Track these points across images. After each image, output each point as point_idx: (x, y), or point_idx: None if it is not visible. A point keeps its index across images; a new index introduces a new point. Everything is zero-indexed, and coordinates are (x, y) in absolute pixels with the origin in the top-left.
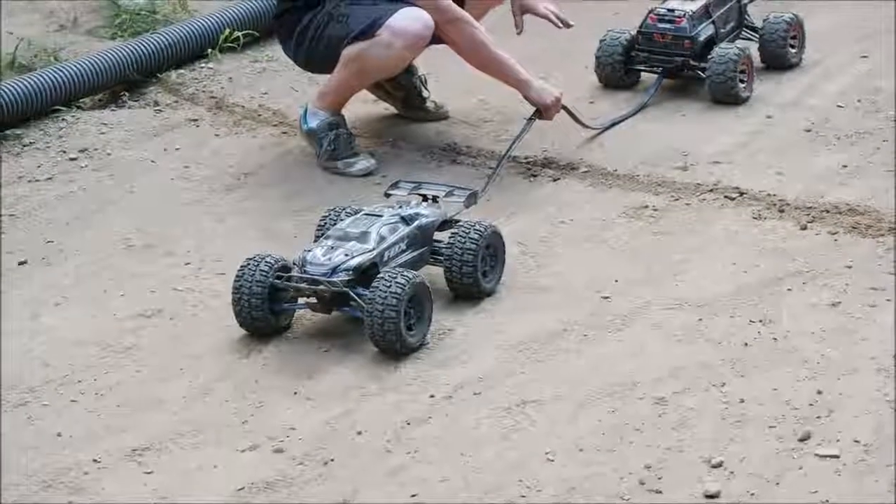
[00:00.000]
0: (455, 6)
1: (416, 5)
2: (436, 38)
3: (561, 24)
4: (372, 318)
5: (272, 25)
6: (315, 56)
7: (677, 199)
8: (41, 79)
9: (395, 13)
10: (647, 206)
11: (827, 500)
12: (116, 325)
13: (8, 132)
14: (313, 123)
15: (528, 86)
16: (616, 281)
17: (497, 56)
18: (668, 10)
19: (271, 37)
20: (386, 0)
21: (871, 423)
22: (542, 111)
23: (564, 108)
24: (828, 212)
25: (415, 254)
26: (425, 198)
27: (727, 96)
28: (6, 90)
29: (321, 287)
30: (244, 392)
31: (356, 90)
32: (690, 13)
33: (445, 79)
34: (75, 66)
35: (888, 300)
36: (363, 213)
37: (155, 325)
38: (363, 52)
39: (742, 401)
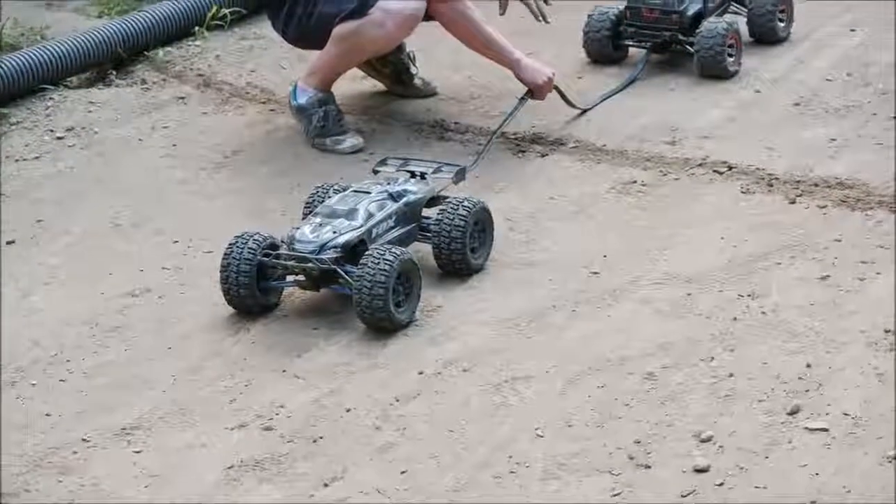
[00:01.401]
0: None
1: None
2: (426, 15)
3: (539, 17)
4: (361, 295)
5: (261, 1)
6: (305, 33)
7: (666, 174)
8: (28, 57)
9: None
10: (635, 182)
11: (816, 474)
12: (105, 305)
13: None
14: (302, 100)
15: (519, 65)
16: (605, 256)
17: (488, 34)
18: None
19: (259, 14)
20: None
21: (860, 397)
22: (534, 91)
23: (556, 87)
24: (817, 185)
25: (403, 230)
26: (413, 174)
27: (715, 71)
28: None
29: (309, 265)
30: (233, 370)
31: (347, 68)
32: None
33: (434, 55)
34: (62, 44)
35: (877, 273)
36: (351, 190)
37: (143, 304)
38: (355, 30)
39: (731, 375)
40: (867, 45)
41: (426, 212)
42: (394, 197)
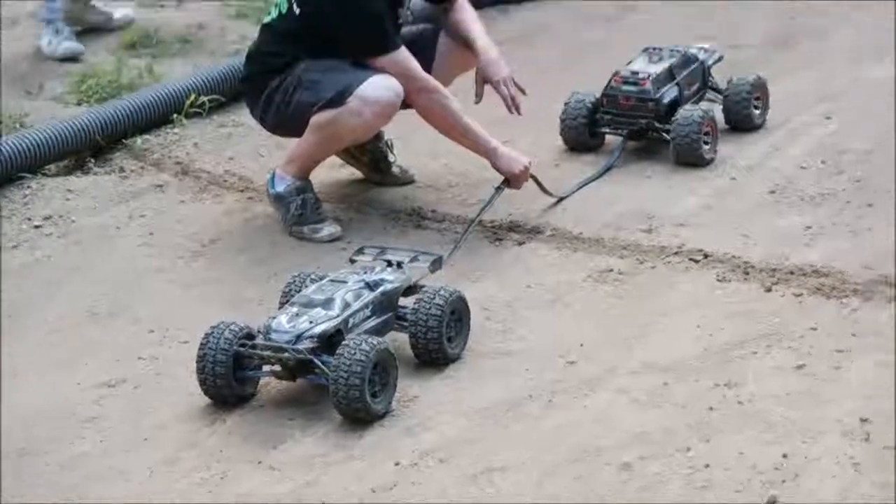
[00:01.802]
0: (423, 73)
1: (386, 72)
2: (404, 103)
3: (513, 111)
4: (337, 385)
5: (239, 88)
6: (283, 120)
7: (642, 262)
8: (6, 146)
9: (365, 81)
10: (612, 270)
11: None
12: (80, 395)
13: None
14: (280, 188)
15: (496, 154)
16: (581, 345)
17: (465, 123)
18: (632, 72)
19: (237, 102)
20: (354, 66)
21: (836, 486)
22: (511, 180)
23: (532, 176)
24: (792, 274)
25: (380, 320)
26: (390, 263)
27: (691, 158)
28: None
29: (285, 355)
30: (209, 462)
31: (325, 156)
32: (654, 75)
33: (411, 143)
34: (40, 132)
35: (853, 362)
36: (328, 279)
37: (119, 394)
38: (333, 119)
39: (707, 465)
40: (841, 133)
41: (403, 301)
42: (370, 286)
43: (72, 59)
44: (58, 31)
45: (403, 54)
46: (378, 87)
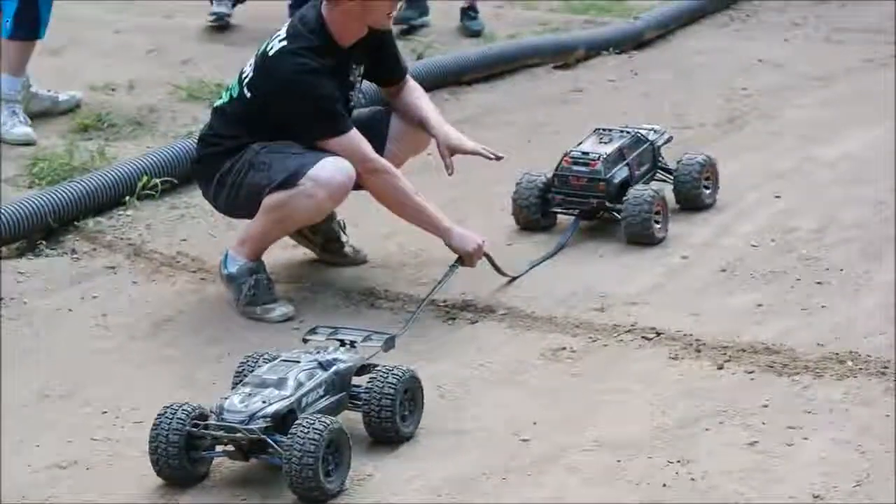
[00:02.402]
0: (375, 154)
1: (337, 155)
2: (356, 185)
3: (492, 157)
4: (290, 465)
5: (192, 170)
6: (235, 202)
7: (595, 341)
8: None
9: (317, 163)
10: (564, 348)
11: None
12: (33, 477)
13: None
14: (233, 269)
15: (449, 234)
16: (535, 423)
17: (418, 205)
18: (583, 153)
19: (190, 183)
20: (306, 148)
21: None
22: (464, 258)
23: (486, 255)
24: (744, 351)
25: (333, 399)
26: (343, 343)
27: (643, 237)
28: None
29: (238, 435)
30: None
31: (277, 237)
32: (605, 156)
33: (364, 223)
34: None
35: (804, 438)
36: (281, 359)
37: (71, 475)
38: (285, 201)
39: None
40: (791, 212)
41: (356, 380)
42: (323, 366)
43: (25, 143)
44: (14, 113)
45: (355, 136)
46: (330, 168)
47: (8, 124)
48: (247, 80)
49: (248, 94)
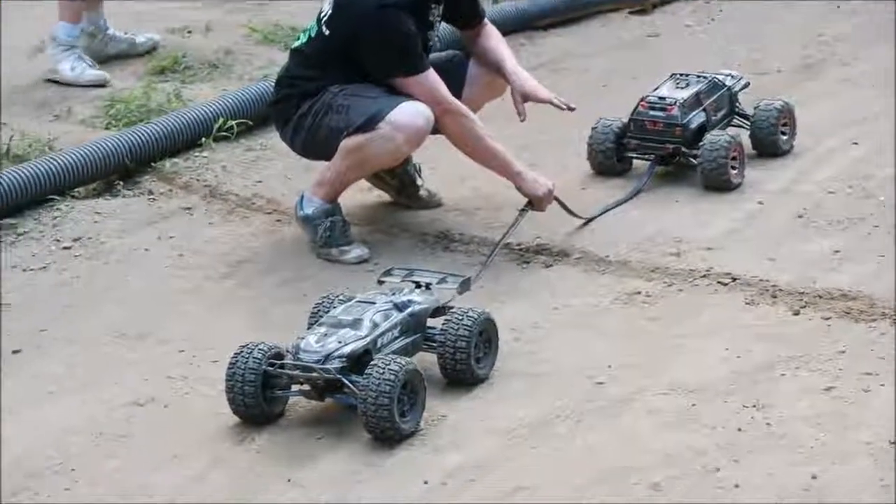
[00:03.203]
0: (451, 97)
1: (416, 98)
2: (433, 129)
3: (564, 107)
4: (365, 405)
5: (269, 112)
6: (313, 144)
7: (670, 285)
8: (36, 168)
9: (396, 107)
10: (640, 292)
11: None
12: (110, 414)
13: (2, 222)
14: (309, 210)
15: (521, 178)
16: (609, 367)
17: (491, 148)
18: (659, 97)
19: (265, 125)
20: (385, 92)
21: None
22: (535, 203)
23: (557, 199)
24: (820, 297)
25: (408, 340)
26: (418, 285)
27: (719, 183)
28: (1, 180)
29: (314, 374)
30: (238, 480)
31: (354, 180)
32: (681, 101)
33: (439, 167)
34: (69, 155)
35: (881, 385)
36: (356, 300)
37: (148, 413)
38: (363, 144)
39: (737, 486)
40: (868, 158)
41: (431, 322)
42: (399, 307)
43: (99, 85)
44: (80, 58)
45: (432, 76)
46: (409, 112)
47: (77, 69)
48: (325, 19)
49: (327, 32)
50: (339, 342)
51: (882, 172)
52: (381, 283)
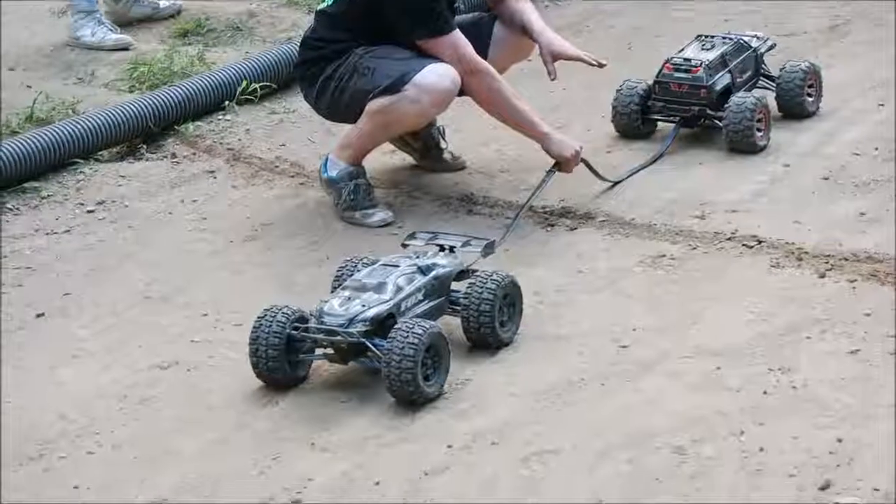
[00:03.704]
0: (477, 57)
1: (441, 59)
2: (459, 91)
3: (595, 63)
4: (389, 368)
5: (293, 73)
6: (338, 106)
7: (695, 248)
8: (59, 132)
9: (422, 69)
10: (664, 255)
11: None
12: (133, 377)
13: (26, 185)
14: (333, 173)
15: (548, 139)
16: (634, 330)
17: (518, 108)
18: (685, 59)
19: (289, 89)
20: (410, 53)
21: (891, 471)
22: (562, 164)
23: (584, 161)
24: (846, 260)
25: (432, 304)
26: (442, 248)
27: (744, 145)
28: (24, 143)
29: (338, 338)
30: (261, 443)
31: (379, 143)
32: (707, 62)
33: (463, 130)
34: (93, 118)
35: None
36: (380, 263)
37: (172, 376)
38: (389, 106)
39: (761, 449)
40: (895, 120)
41: (455, 285)
42: (423, 270)
43: (122, 49)
44: (101, 22)
45: (458, 37)
46: (435, 74)
47: (99, 34)
48: None
49: None
50: (363, 306)
51: None
52: (404, 246)
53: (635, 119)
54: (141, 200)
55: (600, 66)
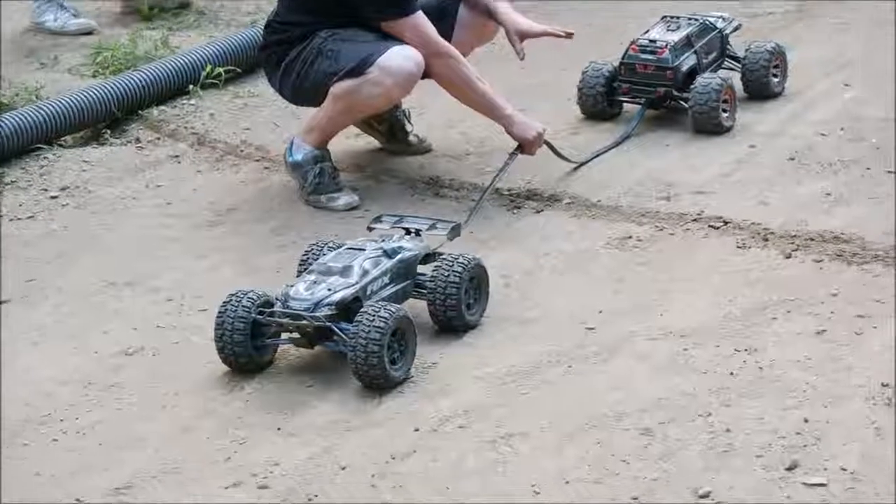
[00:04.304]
0: (441, 39)
1: (404, 42)
2: (423, 74)
3: (562, 34)
4: (355, 352)
5: (258, 57)
6: (302, 90)
7: (661, 230)
8: (22, 117)
9: (386, 52)
10: (630, 237)
11: None
12: (98, 363)
13: None
14: (298, 156)
15: (510, 121)
16: (600, 312)
17: (481, 91)
18: (650, 40)
19: (253, 73)
20: (374, 36)
21: (857, 451)
22: (524, 146)
23: (546, 142)
24: (812, 240)
25: (398, 287)
26: (408, 231)
27: (710, 126)
28: None
29: (304, 322)
30: (227, 428)
31: (344, 126)
32: (672, 44)
33: (428, 112)
34: (56, 104)
35: (874, 327)
36: (346, 247)
37: (137, 362)
38: (353, 89)
39: (728, 430)
40: (860, 101)
41: (421, 268)
42: (389, 254)
43: (86, 33)
44: (62, 7)
45: (421, 19)
46: (399, 57)
47: (60, 19)
48: None
49: None
50: (329, 290)
51: (874, 114)
52: (370, 229)
53: (601, 101)
54: (105, 186)
55: (568, 36)
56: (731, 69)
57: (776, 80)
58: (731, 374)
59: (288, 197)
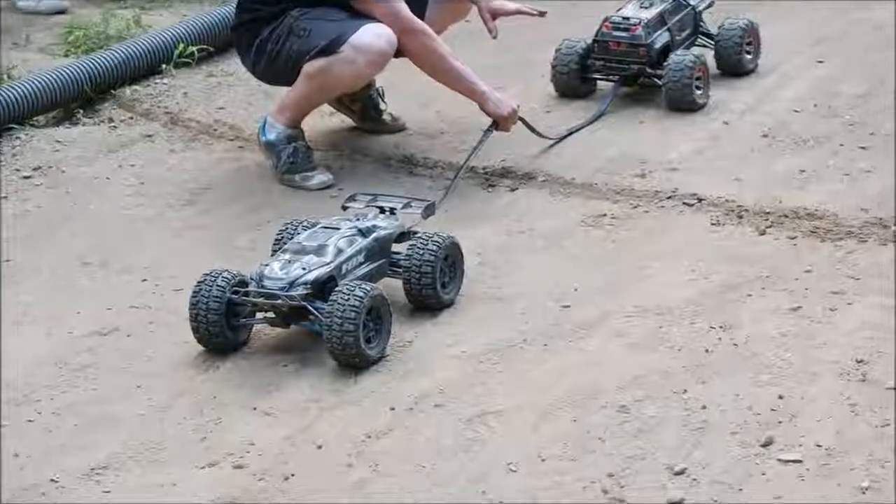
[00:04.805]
0: (414, 17)
1: (377, 20)
2: (396, 52)
3: (535, 13)
4: (331, 331)
5: (230, 37)
6: (274, 69)
7: (636, 207)
8: None
9: (358, 29)
10: (605, 215)
11: None
12: (73, 344)
13: None
14: (272, 136)
15: (485, 98)
16: (576, 289)
17: (455, 67)
18: (623, 17)
19: (226, 51)
20: (346, 14)
21: (832, 428)
22: (499, 123)
23: (521, 119)
24: (786, 217)
25: (373, 266)
26: (382, 210)
27: (684, 103)
28: None
29: (279, 301)
30: (203, 408)
31: (317, 105)
32: (645, 21)
33: (402, 91)
34: (28, 83)
35: (848, 304)
36: (320, 226)
37: (111, 342)
38: (325, 67)
39: (704, 407)
40: (834, 77)
41: (396, 247)
42: (363, 233)
43: (58, 13)
44: None
45: None
46: (371, 35)
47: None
48: None
49: None
50: (304, 269)
51: (848, 91)
52: (345, 208)
53: (575, 78)
54: (78, 166)
55: (541, 14)
56: (705, 46)
57: (749, 56)
58: (707, 351)
59: (262, 176)
